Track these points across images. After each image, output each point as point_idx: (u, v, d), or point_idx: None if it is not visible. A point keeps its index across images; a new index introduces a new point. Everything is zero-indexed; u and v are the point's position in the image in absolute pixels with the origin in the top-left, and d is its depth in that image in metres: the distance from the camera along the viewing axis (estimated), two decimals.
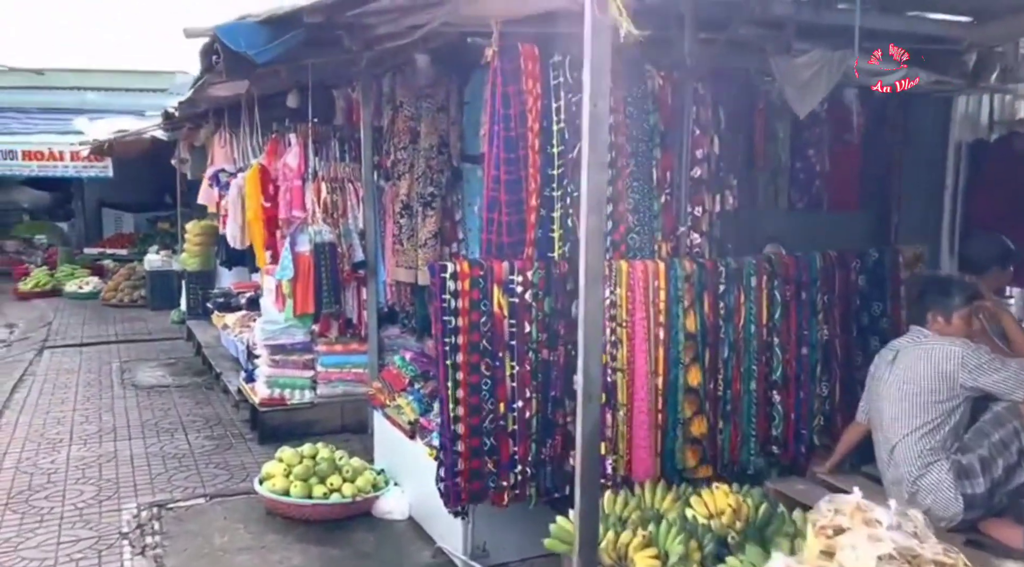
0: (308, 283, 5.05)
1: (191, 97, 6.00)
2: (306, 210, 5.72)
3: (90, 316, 9.83)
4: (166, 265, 10.51)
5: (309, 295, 5.04)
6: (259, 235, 6.04)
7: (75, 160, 12.43)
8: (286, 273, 5.12)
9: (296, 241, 5.11)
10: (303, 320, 5.16)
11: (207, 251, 9.22)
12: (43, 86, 15.03)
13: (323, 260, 5.04)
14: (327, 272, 5.05)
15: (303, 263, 5.05)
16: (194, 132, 9.26)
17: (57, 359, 7.43)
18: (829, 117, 4.36)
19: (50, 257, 12.94)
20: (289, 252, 5.11)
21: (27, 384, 6.49)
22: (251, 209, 6.08)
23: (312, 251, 5.02)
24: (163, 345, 8.24)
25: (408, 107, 5.05)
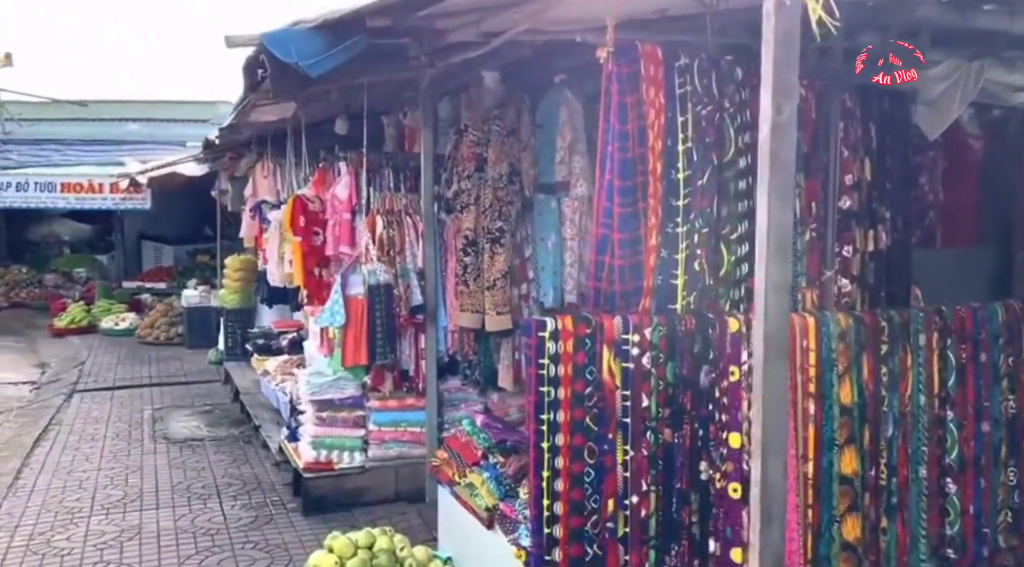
0: (361, 330, 4.42)
1: (233, 122, 5.48)
2: (356, 246, 5.17)
3: (125, 355, 9.36)
4: (204, 301, 10.04)
5: (362, 344, 4.41)
6: (299, 273, 5.47)
7: (114, 192, 12.15)
8: (336, 319, 4.50)
9: (348, 282, 4.50)
10: (354, 372, 4.54)
11: (247, 287, 8.72)
12: (86, 118, 14.92)
13: (378, 304, 4.43)
14: (382, 318, 4.43)
15: (356, 308, 4.44)
16: (235, 162, 8.83)
17: (86, 405, 6.92)
18: (943, 139, 3.66)
19: (88, 291, 12.62)
20: (340, 295, 4.49)
21: (51, 436, 5.96)
22: (289, 243, 5.52)
23: (366, 294, 4.41)
24: (199, 389, 7.70)
25: (474, 131, 4.47)
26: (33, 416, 6.63)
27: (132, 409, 6.80)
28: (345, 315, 4.49)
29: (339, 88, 4.43)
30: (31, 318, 12.07)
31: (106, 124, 14.67)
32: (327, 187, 5.70)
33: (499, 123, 4.41)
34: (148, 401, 7.12)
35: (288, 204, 5.40)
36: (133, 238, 14.59)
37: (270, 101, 4.65)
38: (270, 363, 6.28)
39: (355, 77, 4.16)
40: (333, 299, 4.58)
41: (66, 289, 13.33)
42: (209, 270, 13.08)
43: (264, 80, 4.00)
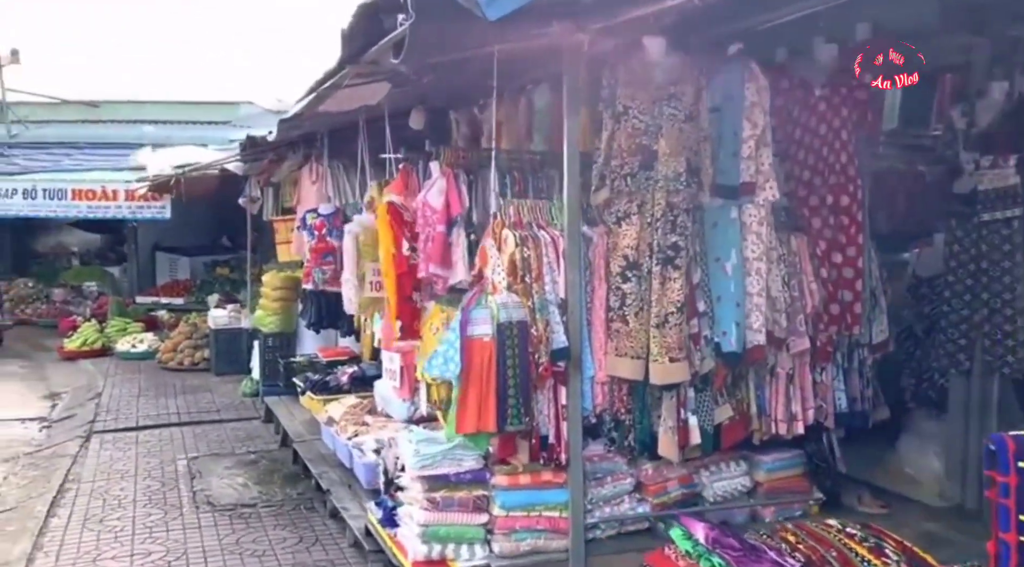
0: (487, 384, 3.31)
1: (299, 112, 4.38)
2: (450, 266, 4.11)
3: (146, 383, 8.26)
4: (234, 322, 8.94)
5: (488, 403, 3.29)
6: (393, 299, 4.37)
7: (130, 200, 11.08)
8: (449, 368, 3.39)
9: (470, 319, 3.39)
10: (475, 441, 3.42)
11: (288, 308, 7.61)
12: (98, 119, 13.88)
13: (510, 348, 3.32)
14: (516, 367, 3.32)
15: (480, 354, 3.33)
16: (275, 165, 7.74)
17: (108, 453, 5.81)
18: None
19: (100, 308, 11.53)
20: (457, 335, 3.38)
21: (69, 499, 4.85)
22: (384, 263, 4.42)
23: (495, 335, 3.30)
24: (237, 429, 6.60)
25: (639, 116, 3.39)
26: (45, 468, 5.53)
27: (163, 458, 5.69)
28: (461, 362, 3.37)
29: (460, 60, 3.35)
30: (39, 338, 10.99)
31: (119, 126, 13.62)
32: (410, 193, 4.63)
33: (675, 104, 3.33)
34: (180, 446, 6.01)
35: (381, 212, 4.31)
36: (147, 249, 13.50)
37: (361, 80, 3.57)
38: (334, 408, 5.16)
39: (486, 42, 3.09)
40: (447, 341, 3.46)
41: (76, 305, 12.24)
42: (229, 284, 12.03)
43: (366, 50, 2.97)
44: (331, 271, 5.99)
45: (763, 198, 3.46)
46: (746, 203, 3.47)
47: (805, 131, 3.77)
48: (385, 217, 4.37)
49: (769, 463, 3.76)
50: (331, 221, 5.90)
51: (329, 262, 6.00)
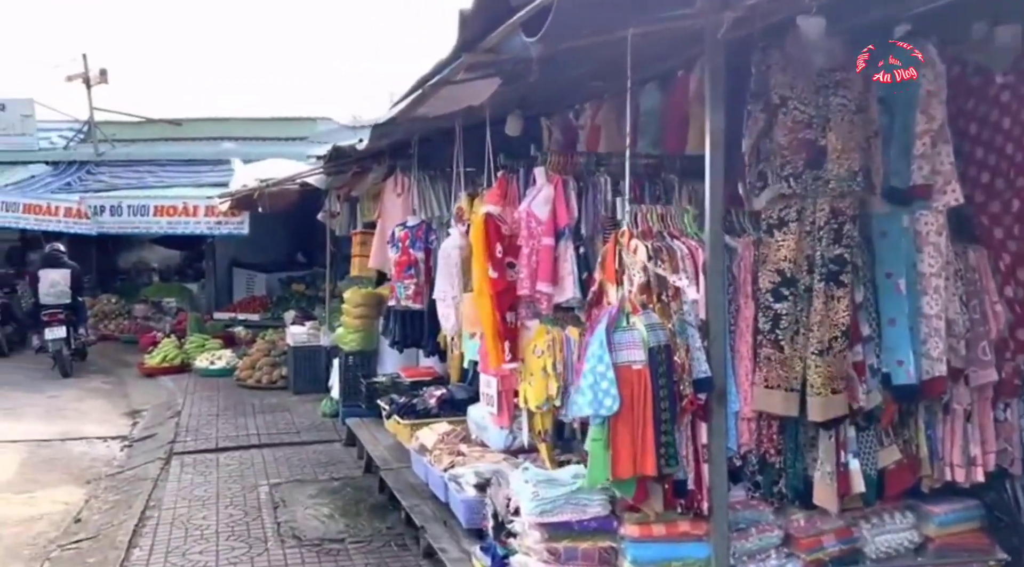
0: (645, 419, 2.82)
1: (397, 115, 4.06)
2: (557, 283, 3.71)
3: (224, 402, 8.10)
4: (312, 339, 8.72)
5: (647, 442, 2.80)
6: (489, 319, 3.98)
7: (209, 215, 11.07)
8: (605, 404, 2.82)
9: (619, 342, 2.90)
10: (623, 487, 2.94)
11: (369, 326, 7.34)
12: (180, 137, 14.10)
13: (662, 377, 2.86)
14: (667, 398, 2.87)
15: (633, 383, 2.84)
16: (357, 178, 7.52)
17: (188, 477, 5.58)
18: None
19: (179, 324, 11.55)
20: (608, 362, 2.85)
21: (150, 528, 4.61)
22: (477, 279, 4.04)
23: (647, 362, 2.85)
24: (318, 452, 6.31)
25: (800, 107, 2.93)
26: (126, 492, 5.33)
27: (244, 484, 5.43)
28: (620, 397, 2.84)
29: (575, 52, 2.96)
30: (120, 353, 11.06)
31: (200, 143, 13.79)
32: (509, 202, 4.26)
33: (843, 93, 2.86)
34: (261, 471, 5.75)
35: (477, 225, 3.94)
36: (224, 265, 13.56)
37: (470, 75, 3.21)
38: (425, 434, 4.79)
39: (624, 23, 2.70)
40: (594, 371, 2.82)
41: (156, 321, 12.33)
42: (305, 300, 11.93)
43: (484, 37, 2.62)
44: (413, 286, 5.67)
45: (943, 203, 2.94)
46: (921, 209, 2.96)
47: (984, 126, 3.23)
48: (481, 230, 4.00)
49: (942, 515, 3.18)
50: (414, 233, 5.59)
51: (411, 275, 5.69)
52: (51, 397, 8.56)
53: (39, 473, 5.91)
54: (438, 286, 4.45)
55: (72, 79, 13.76)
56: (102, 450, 6.61)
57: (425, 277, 5.41)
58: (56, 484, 5.66)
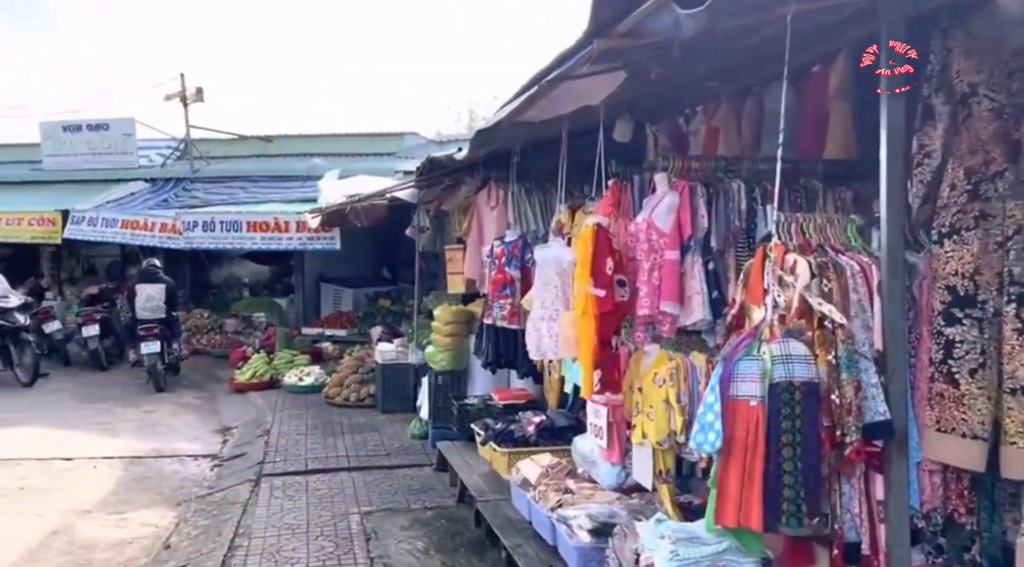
0: (752, 464, 2.42)
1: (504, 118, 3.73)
2: (683, 302, 3.29)
3: (312, 420, 7.95)
4: (401, 357, 8.50)
5: (754, 491, 2.40)
6: (588, 343, 3.58)
7: (300, 231, 11.06)
8: (708, 438, 2.53)
9: (735, 373, 2.52)
10: (745, 541, 2.52)
11: (460, 344, 7.05)
12: (272, 154, 14.31)
13: (787, 418, 2.42)
14: (796, 444, 2.41)
15: (744, 421, 2.46)
16: (448, 192, 7.27)
17: (278, 502, 5.36)
18: None
19: (268, 339, 11.59)
20: (717, 396, 2.52)
21: (239, 560, 4.38)
22: (579, 298, 3.64)
23: (764, 397, 2.42)
24: (408, 477, 6.02)
25: (990, 94, 2.43)
26: (215, 517, 5.16)
27: (335, 511, 5.17)
28: (725, 432, 2.51)
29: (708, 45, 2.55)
30: (211, 368, 11.16)
31: (291, 159, 13.94)
32: (622, 213, 3.87)
33: None
34: (351, 497, 5.49)
35: (585, 238, 3.55)
36: (312, 280, 13.61)
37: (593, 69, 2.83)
38: (527, 467, 4.41)
39: None
40: (706, 401, 2.62)
41: (246, 335, 12.43)
42: (391, 316, 11.80)
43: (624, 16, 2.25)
44: (509, 306, 5.32)
45: None
46: None
47: None
48: (589, 243, 3.59)
49: None
50: (510, 250, 5.25)
51: (506, 295, 5.34)
52: (145, 412, 8.62)
53: (131, 493, 5.84)
54: (535, 303, 4.07)
55: (170, 98, 14.18)
56: (193, 469, 6.51)
57: (522, 297, 5.06)
58: (147, 505, 5.56)
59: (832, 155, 3.54)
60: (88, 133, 14.65)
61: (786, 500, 2.40)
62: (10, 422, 7.94)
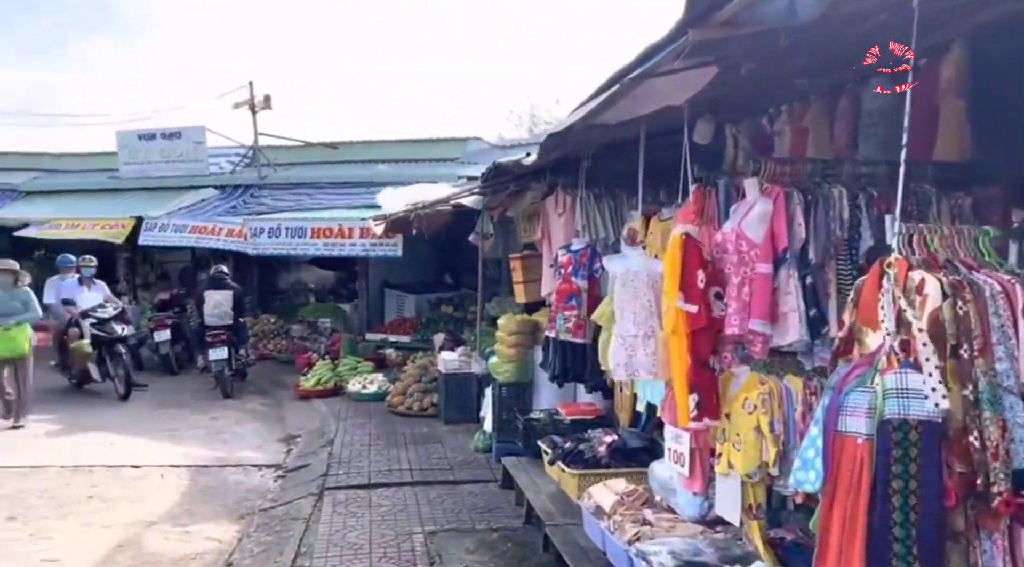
0: (855, 509, 2.12)
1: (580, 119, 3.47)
2: (777, 320, 2.99)
3: (376, 430, 7.84)
4: (464, 366, 8.32)
5: (855, 540, 2.12)
6: (681, 364, 3.29)
7: (364, 237, 11.02)
8: (809, 477, 2.26)
9: (843, 406, 2.22)
10: None
11: (525, 355, 6.82)
12: (337, 160, 14.40)
13: (899, 462, 2.11)
14: (912, 491, 2.09)
15: (850, 460, 2.17)
16: (513, 198, 7.06)
17: (340, 519, 5.23)
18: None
19: (333, 345, 11.60)
20: (820, 430, 2.23)
21: None
22: (668, 315, 3.35)
23: (871, 436, 2.11)
24: (472, 493, 5.82)
25: None
26: (278, 533, 5.05)
27: (398, 530, 5.00)
28: (826, 470, 2.21)
29: None
30: (277, 373, 11.21)
31: (356, 166, 13.99)
32: (706, 221, 3.58)
33: None
34: (415, 514, 5.31)
35: (673, 249, 3.28)
36: (376, 286, 13.61)
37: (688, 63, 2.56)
38: (600, 493, 4.14)
39: None
40: (809, 434, 2.33)
41: (311, 341, 12.48)
42: (453, 322, 11.67)
43: None
44: (575, 318, 5.06)
45: None
46: None
47: None
48: (678, 254, 3.31)
49: None
50: (578, 259, 4.99)
51: (572, 306, 5.08)
52: (212, 418, 8.67)
53: (196, 504, 5.81)
54: (623, 319, 3.79)
55: (239, 106, 14.41)
56: (257, 480, 6.46)
57: (588, 309, 4.79)
58: (211, 517, 5.50)
59: (942, 157, 3.19)
60: (161, 141, 15.03)
61: (896, 556, 2.09)
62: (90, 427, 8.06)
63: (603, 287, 4.83)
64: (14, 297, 8.24)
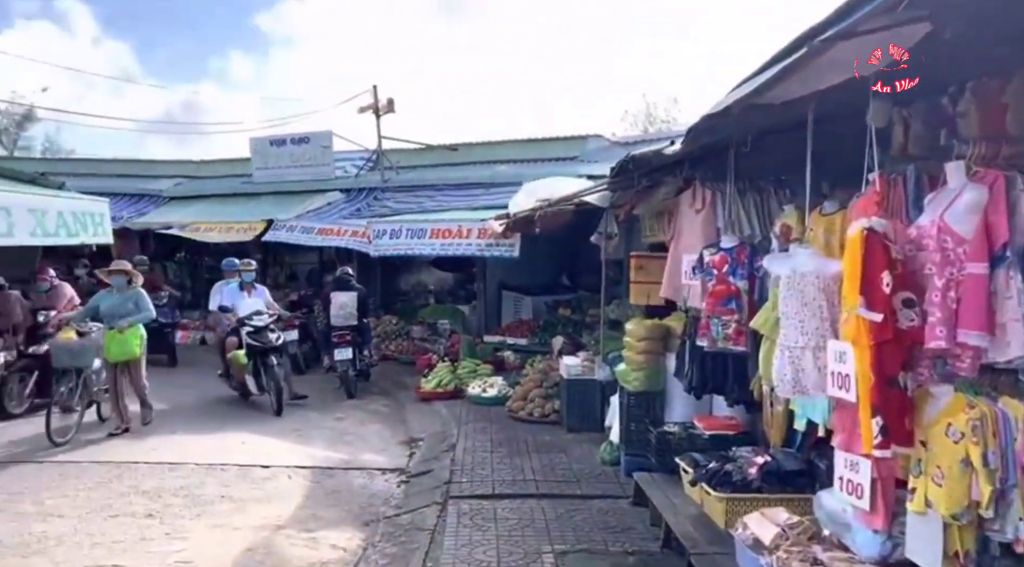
0: None
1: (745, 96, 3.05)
2: (994, 331, 2.49)
3: (497, 435, 7.62)
4: (587, 372, 7.97)
5: None
6: (864, 381, 2.81)
7: (481, 237, 10.89)
8: None
9: None
10: None
11: (656, 363, 6.38)
12: (457, 162, 14.39)
13: None
14: None
15: None
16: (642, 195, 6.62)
17: (466, 533, 5.00)
18: None
19: (452, 346, 11.55)
20: None
21: None
22: (848, 323, 2.87)
23: None
24: (602, 510, 5.46)
25: None
26: (403, 545, 4.89)
27: (526, 548, 4.72)
28: None
29: None
30: (399, 374, 11.26)
31: (476, 167, 13.93)
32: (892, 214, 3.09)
33: None
34: (543, 531, 5.01)
35: (853, 247, 2.81)
36: (494, 288, 13.47)
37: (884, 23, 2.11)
38: (757, 524, 3.67)
39: None
40: None
41: (431, 342, 12.50)
42: (571, 325, 11.34)
43: None
44: (735, 323, 4.59)
45: None
46: None
47: None
48: (858, 252, 2.84)
49: None
50: (735, 257, 4.52)
51: (730, 310, 4.61)
52: (337, 419, 8.73)
53: (322, 507, 5.75)
54: (787, 327, 3.32)
55: (364, 110, 14.69)
56: (380, 485, 6.36)
57: (749, 312, 4.32)
58: (336, 523, 5.42)
59: None
60: (291, 147, 15.55)
61: None
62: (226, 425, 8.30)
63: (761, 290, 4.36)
64: (127, 298, 8.01)
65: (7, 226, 8.23)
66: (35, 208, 8.76)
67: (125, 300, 7.98)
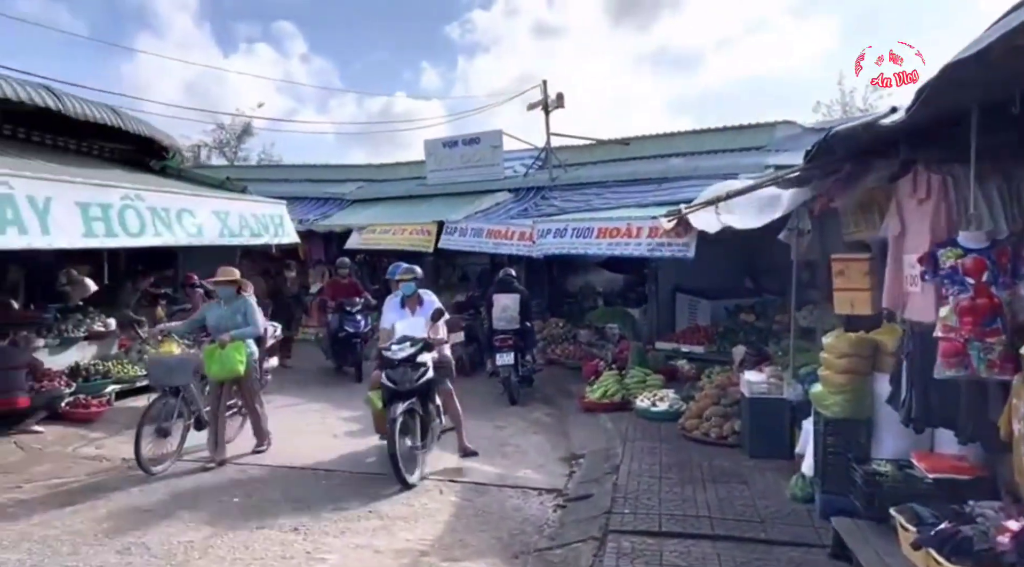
0: None
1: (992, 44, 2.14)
2: None
3: (667, 457, 6.84)
4: (773, 390, 6.96)
5: None
6: None
7: (652, 236, 10.01)
8: None
9: None
10: None
11: (861, 385, 5.33)
12: (627, 157, 13.63)
13: None
14: None
15: None
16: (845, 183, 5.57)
17: None
18: None
19: (620, 352, 10.81)
20: None
21: None
22: None
23: None
24: (793, 563, 4.58)
25: None
26: None
27: None
28: None
29: None
30: (564, 381, 10.71)
31: (647, 161, 13.10)
32: None
33: None
34: None
35: None
36: (667, 290, 12.53)
37: None
38: None
39: None
40: None
41: (599, 347, 11.85)
42: (755, 333, 10.20)
43: None
44: (1000, 346, 3.54)
45: None
46: None
47: None
48: None
49: None
50: (995, 259, 3.48)
51: (995, 330, 3.56)
52: (497, 427, 8.35)
53: (470, 531, 5.31)
54: None
55: (532, 107, 14.34)
56: (535, 508, 5.82)
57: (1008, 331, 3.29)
58: (483, 553, 4.94)
59: None
60: (462, 148, 15.56)
61: None
62: None
63: None
64: (235, 310, 7.15)
65: (196, 228, 8.64)
66: (218, 210, 9.15)
67: (233, 312, 7.15)
